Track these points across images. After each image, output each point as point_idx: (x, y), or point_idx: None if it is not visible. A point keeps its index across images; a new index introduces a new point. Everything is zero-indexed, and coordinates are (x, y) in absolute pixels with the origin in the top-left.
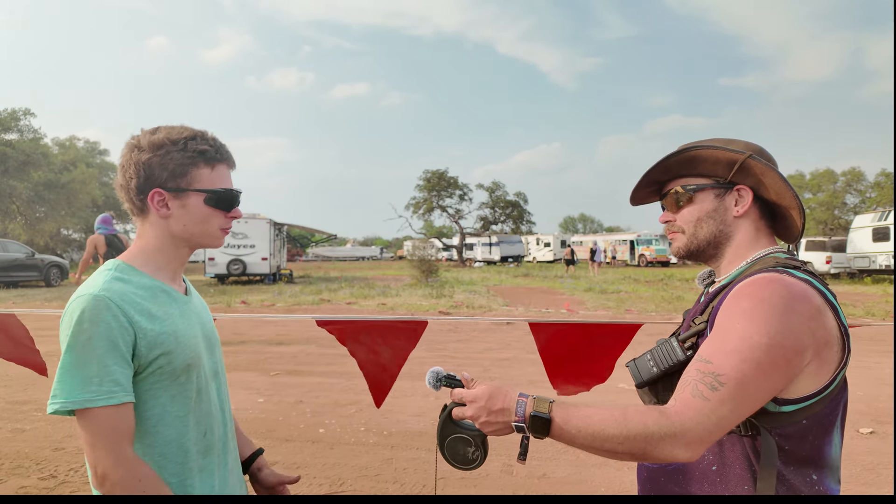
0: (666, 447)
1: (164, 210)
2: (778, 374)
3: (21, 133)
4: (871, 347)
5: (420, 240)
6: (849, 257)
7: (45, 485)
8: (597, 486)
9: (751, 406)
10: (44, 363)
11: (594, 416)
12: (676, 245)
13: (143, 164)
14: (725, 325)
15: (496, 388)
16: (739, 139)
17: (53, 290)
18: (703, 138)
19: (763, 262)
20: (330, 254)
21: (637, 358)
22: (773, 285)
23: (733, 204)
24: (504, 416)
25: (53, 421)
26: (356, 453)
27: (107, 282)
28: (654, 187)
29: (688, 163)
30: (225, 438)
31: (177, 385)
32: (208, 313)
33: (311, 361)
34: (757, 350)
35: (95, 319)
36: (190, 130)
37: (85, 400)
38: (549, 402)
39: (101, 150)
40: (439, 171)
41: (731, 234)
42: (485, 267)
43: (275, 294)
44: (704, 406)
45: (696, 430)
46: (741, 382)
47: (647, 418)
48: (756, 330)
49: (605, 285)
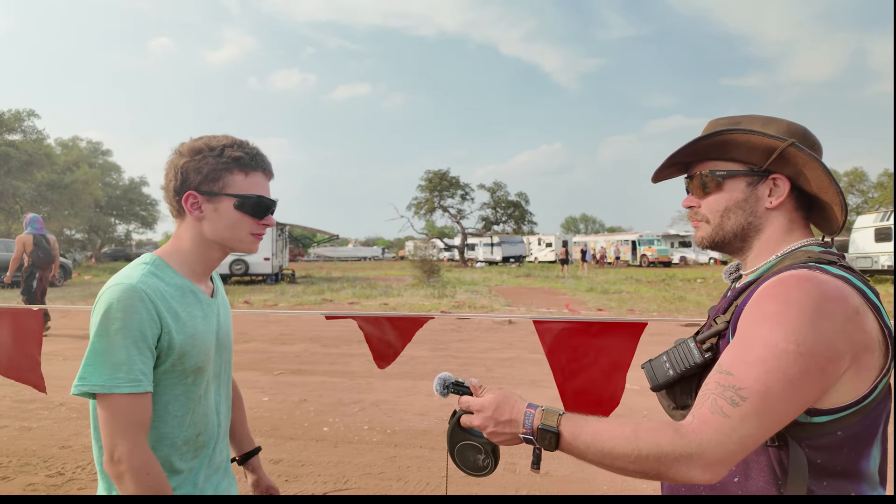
0: (682, 469)
1: (198, 213)
2: (809, 385)
3: (24, 134)
4: None
5: (422, 240)
6: (851, 258)
7: (53, 482)
8: (599, 484)
9: (778, 422)
10: (42, 380)
11: (604, 432)
12: (700, 235)
13: (181, 168)
14: (748, 331)
15: (504, 397)
16: (781, 118)
17: (57, 289)
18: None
19: (794, 257)
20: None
21: (653, 359)
22: (803, 284)
23: (766, 194)
24: (512, 428)
25: (60, 419)
26: (360, 451)
27: (143, 275)
28: (679, 166)
29: (719, 146)
30: (216, 438)
31: (183, 385)
32: (229, 314)
33: (314, 360)
34: (784, 359)
35: (129, 309)
36: (230, 139)
37: (112, 385)
38: (558, 415)
39: (104, 151)
40: (441, 171)
41: (762, 226)
42: (486, 267)
43: (277, 294)
44: (724, 424)
45: (716, 450)
46: (766, 396)
47: (660, 437)
48: (783, 336)
49: (607, 285)
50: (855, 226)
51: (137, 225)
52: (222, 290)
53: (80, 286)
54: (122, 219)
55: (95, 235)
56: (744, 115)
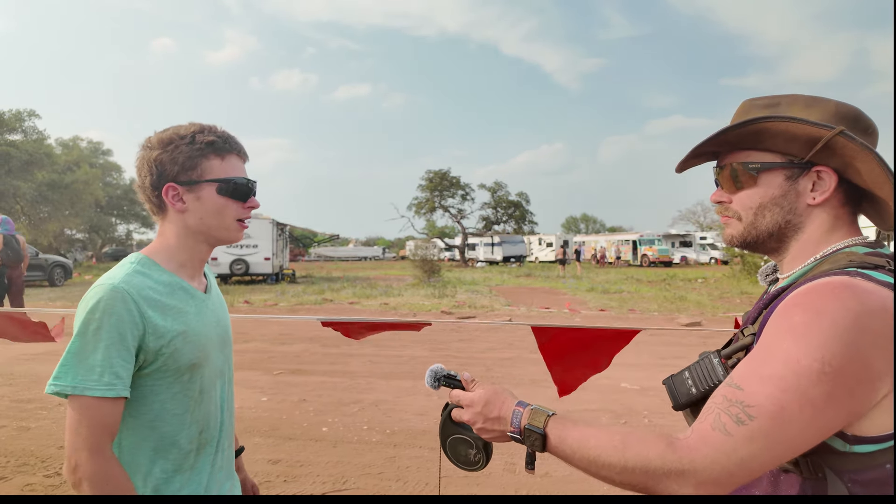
0: (671, 485)
1: (180, 204)
2: (835, 408)
3: (25, 134)
4: None
5: (422, 240)
6: None
7: (51, 482)
8: (599, 485)
9: (793, 447)
10: (51, 336)
11: (591, 438)
12: (730, 232)
13: (155, 161)
14: (769, 342)
15: (494, 393)
16: (829, 100)
17: (57, 289)
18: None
19: (833, 260)
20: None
21: (675, 375)
22: (839, 294)
23: (809, 189)
24: (500, 425)
25: (58, 419)
26: (359, 452)
27: (127, 275)
28: (707, 154)
29: (753, 136)
30: (220, 437)
31: (179, 383)
32: (226, 311)
33: (314, 360)
34: (805, 378)
35: (109, 310)
36: (197, 125)
37: (84, 388)
38: (545, 416)
39: (105, 151)
40: (441, 171)
41: (801, 224)
42: (487, 267)
43: (278, 294)
44: (725, 443)
45: (711, 469)
46: (777, 417)
47: (649, 450)
48: (807, 352)
49: (608, 285)
50: None
51: (138, 225)
52: (216, 286)
53: (80, 286)
54: (123, 218)
55: (96, 235)
56: (784, 94)
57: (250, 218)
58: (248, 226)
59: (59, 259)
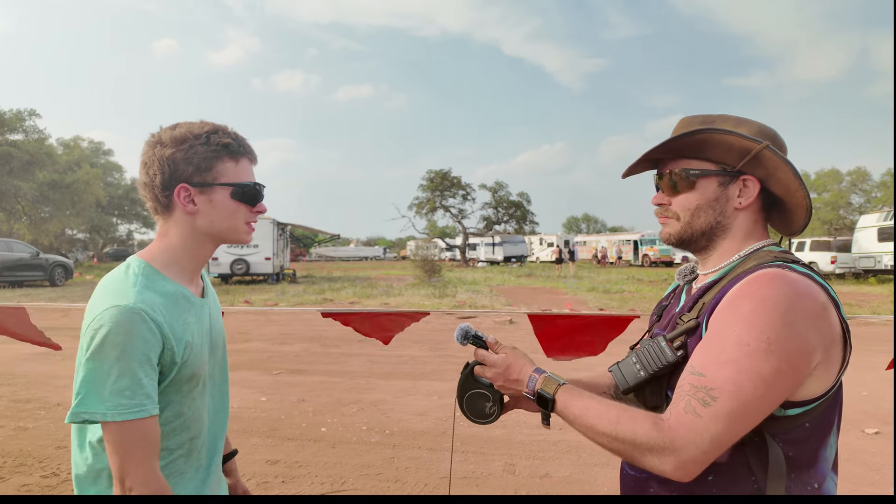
0: (653, 459)
1: (191, 206)
2: (783, 382)
3: (26, 133)
4: (878, 347)
5: (423, 240)
6: (854, 257)
7: (48, 483)
8: (599, 485)
9: (751, 420)
10: (55, 343)
11: (592, 409)
12: (668, 231)
13: (168, 160)
14: (720, 331)
15: (516, 358)
16: (753, 120)
17: (58, 289)
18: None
19: (759, 257)
20: (333, 254)
21: (621, 361)
22: (775, 282)
23: (736, 195)
24: (517, 386)
25: (56, 419)
26: (358, 452)
27: (139, 292)
28: (649, 162)
29: (696, 145)
30: (210, 441)
31: (178, 394)
32: (219, 312)
33: (313, 360)
34: (756, 358)
35: (131, 333)
36: (211, 125)
37: (116, 413)
38: (557, 385)
39: (106, 151)
40: (442, 171)
41: (728, 225)
42: (488, 267)
43: (278, 294)
44: (696, 423)
45: (688, 449)
46: (736, 395)
47: (638, 426)
48: (755, 336)
49: (609, 285)
50: (858, 225)
51: (139, 225)
52: (211, 287)
53: (81, 286)
54: (124, 218)
55: (97, 235)
56: (716, 114)
57: (257, 221)
58: (255, 228)
59: (59, 259)
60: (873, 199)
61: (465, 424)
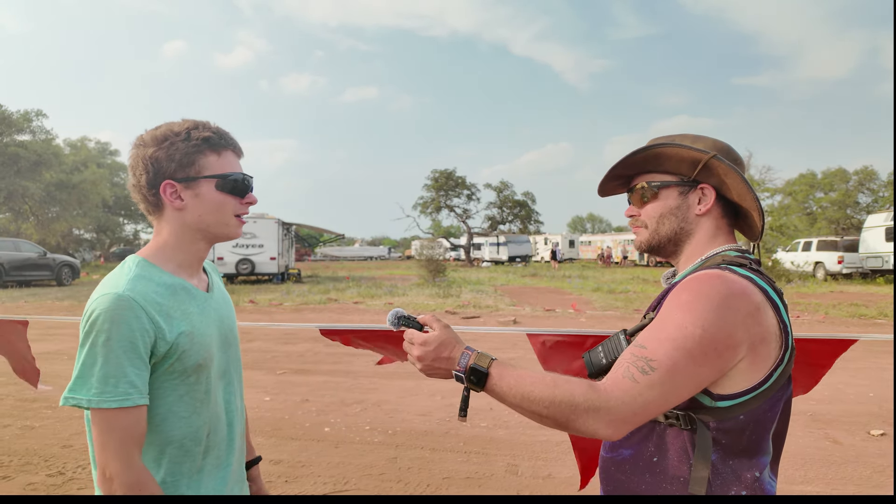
0: (589, 420)
1: (178, 202)
2: (708, 365)
3: (33, 134)
4: (883, 348)
5: (428, 239)
6: (861, 257)
7: (53, 482)
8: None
9: (679, 394)
10: (37, 373)
11: (527, 377)
12: (639, 239)
13: (151, 159)
14: (664, 314)
15: (448, 337)
16: (708, 137)
17: (65, 289)
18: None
19: (711, 261)
20: (338, 253)
21: (591, 350)
22: (712, 281)
23: (696, 202)
24: (448, 364)
25: (62, 418)
26: (361, 452)
27: (130, 280)
28: (622, 180)
29: (653, 159)
30: (229, 439)
31: (185, 385)
32: (230, 309)
33: (317, 360)
34: (690, 340)
35: (117, 319)
36: (192, 121)
37: (100, 400)
38: (490, 359)
39: (112, 151)
40: (447, 170)
41: (692, 231)
42: (492, 267)
43: (283, 294)
44: (633, 387)
45: (621, 409)
46: (671, 369)
47: (575, 388)
48: (691, 321)
49: (614, 285)
50: (865, 225)
51: (145, 225)
52: (220, 284)
53: (88, 285)
54: (131, 218)
55: (104, 235)
56: (678, 133)
57: (248, 214)
58: (247, 222)
59: (67, 259)
60: (881, 199)
61: (469, 424)
